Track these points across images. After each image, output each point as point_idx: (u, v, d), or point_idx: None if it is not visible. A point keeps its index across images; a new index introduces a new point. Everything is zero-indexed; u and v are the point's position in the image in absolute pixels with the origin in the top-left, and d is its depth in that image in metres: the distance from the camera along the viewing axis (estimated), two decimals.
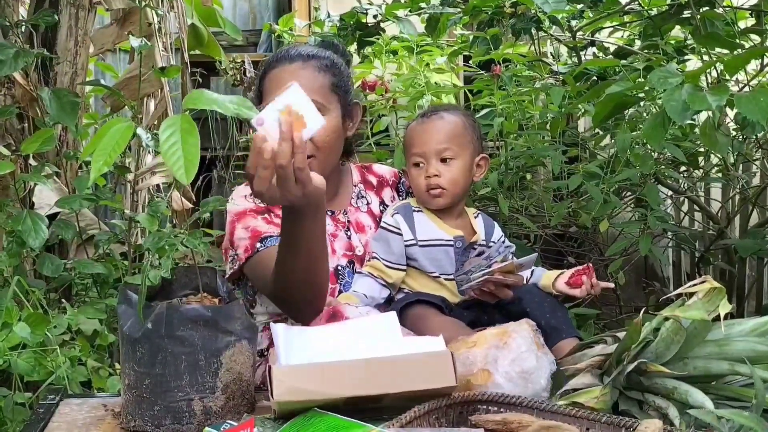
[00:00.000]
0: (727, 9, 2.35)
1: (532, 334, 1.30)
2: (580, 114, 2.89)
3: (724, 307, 1.15)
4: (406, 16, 2.66)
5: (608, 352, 1.22)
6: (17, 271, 2.12)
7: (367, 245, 1.77)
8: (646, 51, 2.45)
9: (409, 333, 1.44)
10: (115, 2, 2.76)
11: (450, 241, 1.74)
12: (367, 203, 1.85)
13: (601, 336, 1.33)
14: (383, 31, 2.77)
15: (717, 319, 1.16)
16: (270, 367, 1.16)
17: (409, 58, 2.84)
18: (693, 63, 2.57)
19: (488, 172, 2.15)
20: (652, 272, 3.25)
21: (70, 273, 2.41)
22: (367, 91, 2.93)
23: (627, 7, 2.51)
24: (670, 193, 2.91)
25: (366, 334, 1.30)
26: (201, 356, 1.25)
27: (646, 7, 2.50)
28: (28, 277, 2.26)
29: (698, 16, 2.27)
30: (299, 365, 1.20)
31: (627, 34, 2.85)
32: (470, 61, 2.83)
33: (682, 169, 2.73)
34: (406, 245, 1.72)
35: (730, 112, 2.35)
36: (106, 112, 3.04)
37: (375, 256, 1.73)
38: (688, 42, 2.59)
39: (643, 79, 2.02)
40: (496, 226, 1.83)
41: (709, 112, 1.88)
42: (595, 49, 2.78)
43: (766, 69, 2.28)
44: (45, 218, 2.19)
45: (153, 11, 2.84)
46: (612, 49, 2.73)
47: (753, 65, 2.23)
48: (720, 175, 2.76)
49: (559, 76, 2.71)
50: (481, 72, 2.77)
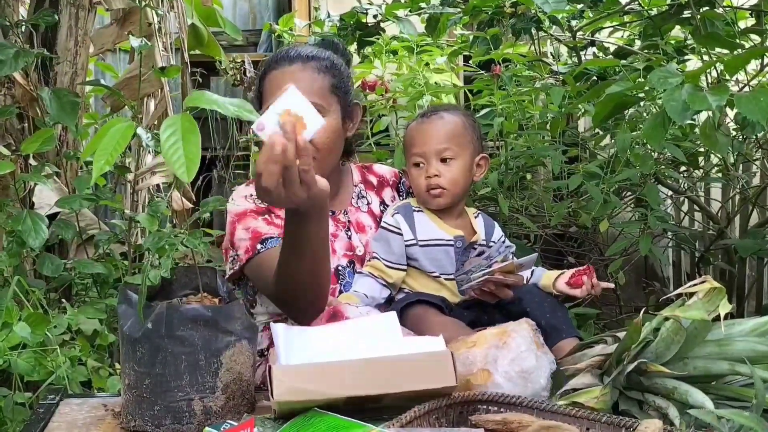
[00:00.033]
0: (727, 9, 2.34)
1: (531, 333, 1.30)
2: (580, 114, 2.89)
3: (724, 307, 1.15)
4: (406, 16, 2.66)
5: (608, 352, 1.22)
6: (17, 271, 2.11)
7: (368, 245, 1.77)
8: (646, 51, 2.44)
9: (410, 333, 1.44)
10: (115, 2, 2.76)
11: (450, 240, 1.74)
12: (368, 203, 1.84)
13: (601, 336, 1.33)
14: (383, 31, 2.76)
15: (717, 319, 1.16)
16: (270, 367, 1.16)
17: (409, 58, 2.84)
18: (693, 63, 2.57)
19: (488, 172, 2.15)
20: (652, 272, 3.25)
21: (70, 273, 2.40)
22: (367, 91, 2.92)
23: (627, 7, 2.51)
24: (670, 193, 2.91)
25: (366, 334, 1.30)
26: (201, 356, 1.25)
27: (646, 7, 2.50)
28: (28, 277, 2.26)
29: (698, 16, 2.26)
30: (299, 365, 1.20)
31: (627, 34, 2.84)
32: (470, 61, 2.83)
33: (682, 169, 2.73)
34: (407, 245, 1.72)
35: (730, 112, 2.35)
36: (106, 112, 3.03)
37: (375, 256, 1.73)
38: (688, 42, 2.59)
39: (643, 79, 2.02)
40: (496, 226, 1.83)
41: (709, 112, 1.88)
42: (595, 49, 2.77)
43: (766, 69, 2.28)
44: (45, 218, 2.19)
45: (153, 11, 2.84)
46: (612, 49, 2.73)
47: (753, 65, 2.23)
48: (720, 175, 2.76)
49: (559, 76, 2.71)
50: (481, 72, 2.76)
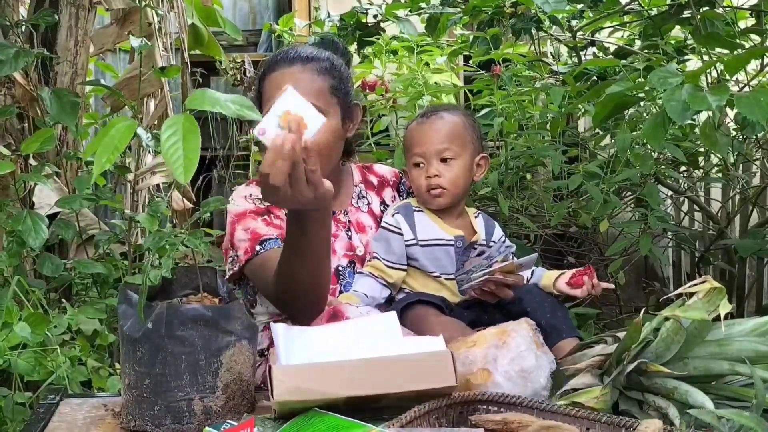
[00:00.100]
0: (727, 9, 2.35)
1: (531, 333, 1.30)
2: (580, 114, 2.89)
3: (724, 307, 1.15)
4: (406, 16, 2.66)
5: (608, 352, 1.22)
6: (17, 271, 2.11)
7: (368, 245, 1.77)
8: (646, 51, 2.44)
9: (410, 333, 1.44)
10: (115, 2, 2.76)
11: (450, 240, 1.74)
12: (368, 203, 1.84)
13: (601, 336, 1.33)
14: (383, 31, 2.76)
15: (717, 319, 1.16)
16: (270, 367, 1.16)
17: (409, 58, 2.84)
18: (693, 63, 2.57)
19: (488, 172, 2.15)
20: (652, 272, 3.25)
21: (70, 273, 2.40)
22: (367, 91, 2.92)
23: (627, 7, 2.51)
24: (670, 193, 2.91)
25: (366, 334, 1.30)
26: (201, 356, 1.25)
27: (646, 7, 2.50)
28: (28, 277, 2.26)
29: (698, 16, 2.27)
30: (299, 365, 1.20)
31: (627, 34, 2.84)
32: (470, 61, 2.83)
33: (682, 169, 2.73)
34: (407, 245, 1.72)
35: (730, 112, 2.35)
36: (106, 112, 3.03)
37: (375, 256, 1.73)
38: (688, 42, 2.59)
39: (643, 79, 2.02)
40: (496, 225, 1.83)
41: (709, 112, 1.88)
42: (595, 49, 2.77)
43: (766, 69, 2.28)
44: (45, 218, 2.19)
45: (153, 11, 2.84)
46: (612, 49, 2.73)
47: (753, 65, 2.23)
48: (720, 175, 2.76)
49: (559, 76, 2.71)
50: (481, 72, 2.76)
